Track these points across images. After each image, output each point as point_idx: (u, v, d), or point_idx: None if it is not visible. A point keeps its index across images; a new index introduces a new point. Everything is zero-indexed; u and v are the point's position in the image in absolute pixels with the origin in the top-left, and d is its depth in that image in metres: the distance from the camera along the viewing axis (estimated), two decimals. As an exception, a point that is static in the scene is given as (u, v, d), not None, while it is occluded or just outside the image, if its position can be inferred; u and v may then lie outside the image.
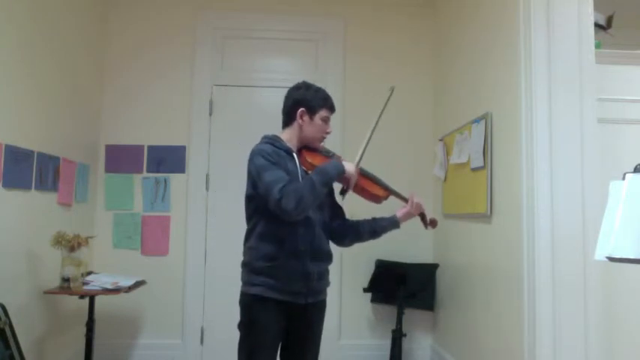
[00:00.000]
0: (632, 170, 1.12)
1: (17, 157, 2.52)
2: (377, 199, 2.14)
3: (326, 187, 1.93)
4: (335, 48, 3.77)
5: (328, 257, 2.08)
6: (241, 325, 1.99)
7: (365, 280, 3.49)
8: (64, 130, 3.07)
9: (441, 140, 3.43)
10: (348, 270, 3.63)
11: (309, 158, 2.03)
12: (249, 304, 1.97)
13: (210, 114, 3.67)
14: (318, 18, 3.78)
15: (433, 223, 2.24)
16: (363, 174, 2.13)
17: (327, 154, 2.12)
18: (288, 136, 2.07)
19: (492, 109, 2.65)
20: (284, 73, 3.69)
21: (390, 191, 2.17)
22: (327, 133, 2.10)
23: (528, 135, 2.25)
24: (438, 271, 3.50)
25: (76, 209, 3.23)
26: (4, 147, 2.41)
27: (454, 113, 3.26)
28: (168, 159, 3.61)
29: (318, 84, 3.69)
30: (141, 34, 3.68)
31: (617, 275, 2.22)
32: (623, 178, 1.13)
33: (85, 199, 3.37)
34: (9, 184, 2.45)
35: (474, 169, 2.81)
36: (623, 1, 2.87)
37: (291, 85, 2.13)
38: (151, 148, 3.60)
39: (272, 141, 2.03)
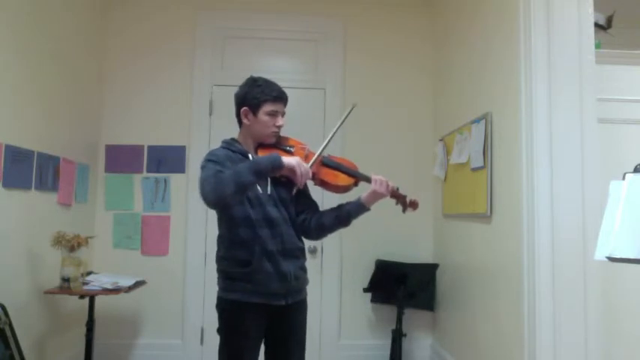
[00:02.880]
0: (632, 170, 1.12)
1: (17, 157, 2.52)
2: (342, 189, 2.04)
3: (254, 177, 1.77)
4: (335, 48, 3.77)
5: (301, 254, 2.04)
6: (220, 331, 1.96)
7: (365, 280, 3.49)
8: (64, 130, 3.07)
9: (441, 140, 3.43)
10: (348, 270, 3.63)
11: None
12: (227, 309, 1.95)
13: (210, 114, 3.67)
14: (318, 18, 3.78)
15: (413, 205, 2.06)
16: (325, 164, 2.03)
17: (285, 148, 2.03)
18: (243, 138, 2.06)
19: (492, 109, 2.65)
20: (284, 73, 3.68)
21: (356, 177, 2.03)
22: (278, 126, 2.01)
23: (528, 135, 2.25)
24: (438, 271, 3.50)
25: (76, 209, 3.23)
26: (4, 147, 2.41)
27: (454, 113, 3.26)
28: (169, 159, 3.61)
29: (318, 84, 3.77)
30: (141, 33, 3.68)
31: (617, 275, 2.22)
32: (623, 178, 1.13)
33: (85, 199, 3.37)
34: (9, 184, 2.46)
35: (474, 169, 2.81)
36: (623, 1, 2.87)
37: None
38: (151, 148, 3.60)
39: (228, 145, 2.02)
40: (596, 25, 2.48)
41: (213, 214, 3.51)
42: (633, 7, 3.33)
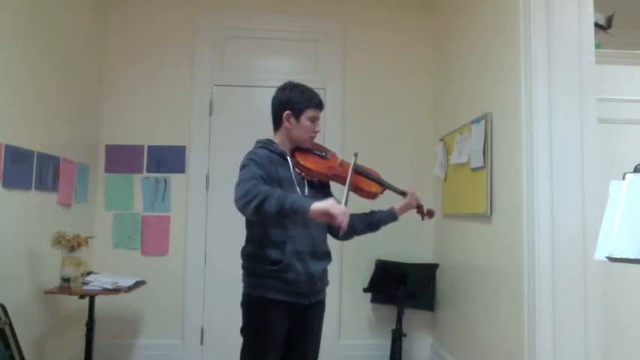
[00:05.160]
0: (632, 170, 1.12)
1: (17, 157, 2.52)
2: (372, 195, 2.15)
3: (277, 208, 1.71)
4: (335, 48, 3.76)
5: (328, 257, 2.09)
6: (245, 330, 1.97)
7: (365, 280, 3.49)
8: (64, 130, 3.07)
9: (441, 140, 3.43)
10: (348, 270, 3.63)
11: (302, 160, 2.04)
12: (253, 306, 1.96)
13: (210, 114, 3.67)
14: (318, 18, 3.78)
15: (430, 214, 2.26)
16: (357, 171, 2.12)
17: (320, 154, 2.12)
18: (280, 139, 2.07)
19: (492, 109, 2.65)
20: (284, 73, 3.68)
21: (385, 186, 2.18)
22: (316, 132, 2.08)
23: (528, 135, 2.25)
24: (438, 271, 3.50)
25: (76, 209, 3.22)
26: (4, 147, 2.41)
27: (454, 113, 3.26)
28: (169, 159, 3.61)
29: (318, 84, 3.77)
30: (141, 33, 3.68)
31: (617, 275, 2.22)
32: (623, 178, 1.13)
33: (85, 199, 3.37)
34: (9, 184, 2.45)
35: (474, 169, 2.81)
36: (623, 1, 2.87)
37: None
38: (151, 148, 3.60)
39: (266, 145, 2.03)
40: (596, 25, 2.48)
41: (213, 215, 3.57)
42: (633, 7, 3.33)
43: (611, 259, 1.08)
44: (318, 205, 1.68)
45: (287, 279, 1.91)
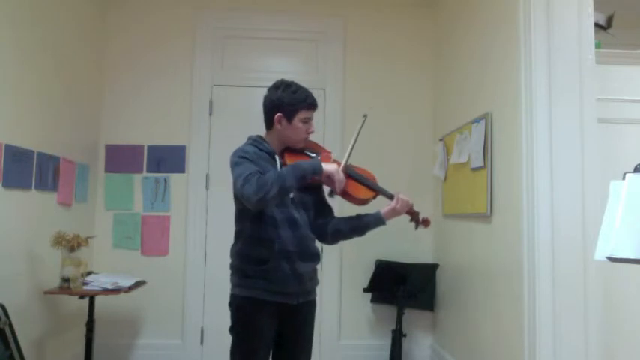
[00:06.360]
0: (632, 170, 1.12)
1: (17, 157, 2.52)
2: (362, 202, 2.06)
3: (296, 182, 1.82)
4: (335, 48, 3.76)
5: (317, 257, 2.07)
6: (233, 330, 1.97)
7: (365, 280, 3.49)
8: (64, 130, 3.07)
9: (441, 140, 3.43)
10: (348, 270, 3.63)
11: (289, 162, 1.98)
12: (241, 306, 1.96)
13: (210, 114, 3.67)
14: (318, 18, 3.78)
15: (425, 223, 2.15)
16: (349, 175, 2.04)
17: (311, 155, 2.05)
18: (271, 138, 2.04)
19: (492, 109, 2.65)
20: (284, 73, 3.63)
21: (377, 191, 2.07)
22: (309, 133, 2.03)
23: (528, 135, 2.25)
24: (438, 271, 3.50)
25: (76, 209, 3.22)
26: (4, 147, 2.40)
27: (454, 113, 3.26)
28: (169, 159, 3.61)
29: (318, 84, 3.78)
30: (140, 34, 3.68)
31: (617, 275, 2.22)
32: (623, 178, 1.13)
33: (85, 199, 3.37)
34: (9, 184, 2.45)
35: (474, 169, 2.81)
36: (623, 1, 2.87)
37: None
38: (150, 148, 3.60)
39: (256, 143, 2.02)
40: (596, 25, 2.48)
41: (213, 215, 3.56)
42: (633, 7, 3.34)
43: (611, 259, 1.08)
44: (326, 167, 1.90)
45: (274, 279, 1.90)
